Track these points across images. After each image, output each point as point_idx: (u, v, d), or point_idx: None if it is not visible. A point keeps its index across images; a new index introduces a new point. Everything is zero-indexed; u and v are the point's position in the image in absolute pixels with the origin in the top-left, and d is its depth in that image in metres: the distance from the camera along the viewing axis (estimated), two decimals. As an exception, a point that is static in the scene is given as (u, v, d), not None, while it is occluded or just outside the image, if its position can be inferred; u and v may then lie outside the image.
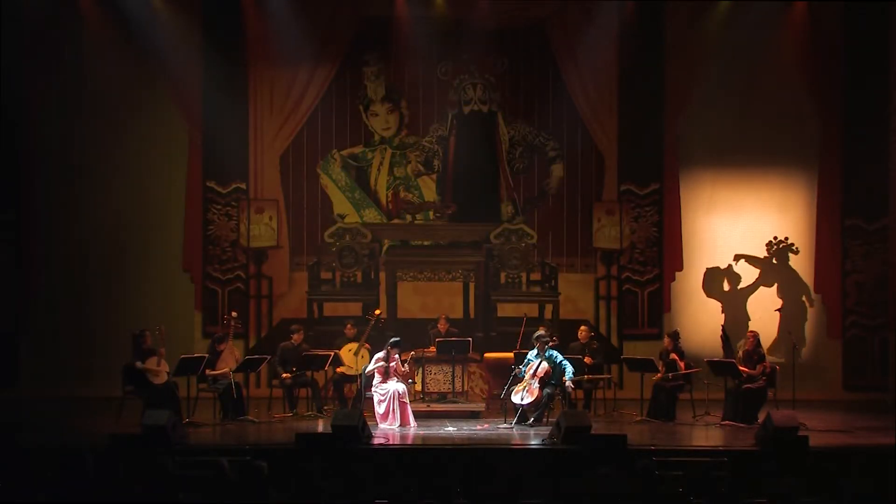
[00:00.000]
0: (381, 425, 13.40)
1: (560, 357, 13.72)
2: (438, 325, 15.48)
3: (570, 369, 13.59)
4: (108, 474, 10.17)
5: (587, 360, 14.60)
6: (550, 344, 13.89)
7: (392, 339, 13.81)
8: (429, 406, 14.46)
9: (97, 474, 9.38)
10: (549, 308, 17.18)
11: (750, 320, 16.86)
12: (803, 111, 17.13)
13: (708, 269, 17.23)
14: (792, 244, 17.19)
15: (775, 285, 17.24)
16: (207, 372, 14.05)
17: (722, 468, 10.69)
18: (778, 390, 14.21)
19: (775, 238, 17.22)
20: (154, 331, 13.94)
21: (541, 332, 14.00)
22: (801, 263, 17.24)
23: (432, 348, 14.95)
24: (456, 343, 14.75)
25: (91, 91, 16.83)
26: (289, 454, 11.48)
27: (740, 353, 14.24)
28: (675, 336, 14.69)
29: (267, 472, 8.84)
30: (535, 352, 13.80)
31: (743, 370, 13.95)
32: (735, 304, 17.17)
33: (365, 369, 14.06)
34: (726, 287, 17.22)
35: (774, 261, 17.22)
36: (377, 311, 15.82)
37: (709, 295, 17.18)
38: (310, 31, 16.97)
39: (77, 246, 16.87)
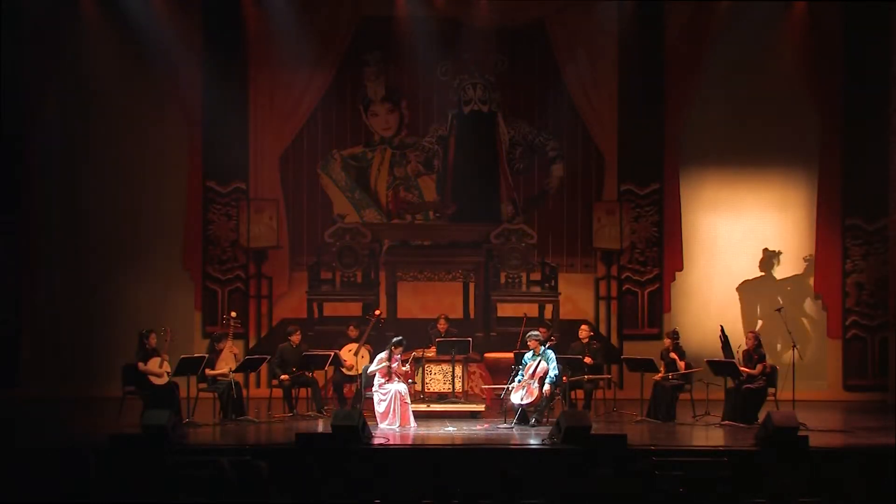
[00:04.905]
0: (381, 425, 13.40)
1: (551, 359, 13.67)
2: (438, 325, 15.46)
3: (552, 374, 13.55)
4: (108, 474, 10.17)
5: (587, 360, 14.59)
6: (549, 344, 13.88)
7: (395, 339, 13.78)
8: (429, 406, 14.44)
9: (97, 474, 9.38)
10: (549, 308, 17.16)
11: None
12: (803, 111, 17.12)
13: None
14: (779, 252, 17.21)
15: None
16: (207, 372, 14.05)
17: (722, 468, 10.70)
18: (778, 390, 14.20)
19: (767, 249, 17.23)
20: (160, 332, 13.94)
21: (533, 332, 13.95)
22: (800, 263, 17.22)
23: (432, 348, 14.94)
24: (456, 343, 14.73)
25: (91, 91, 16.82)
26: (289, 454, 11.49)
27: (740, 353, 14.23)
28: (675, 336, 14.69)
29: (267, 472, 8.83)
30: (531, 353, 13.78)
31: (743, 370, 13.95)
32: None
33: (366, 369, 14.06)
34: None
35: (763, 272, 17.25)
36: (377, 311, 15.81)
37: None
38: (310, 30, 16.97)
39: (77, 245, 16.86)
